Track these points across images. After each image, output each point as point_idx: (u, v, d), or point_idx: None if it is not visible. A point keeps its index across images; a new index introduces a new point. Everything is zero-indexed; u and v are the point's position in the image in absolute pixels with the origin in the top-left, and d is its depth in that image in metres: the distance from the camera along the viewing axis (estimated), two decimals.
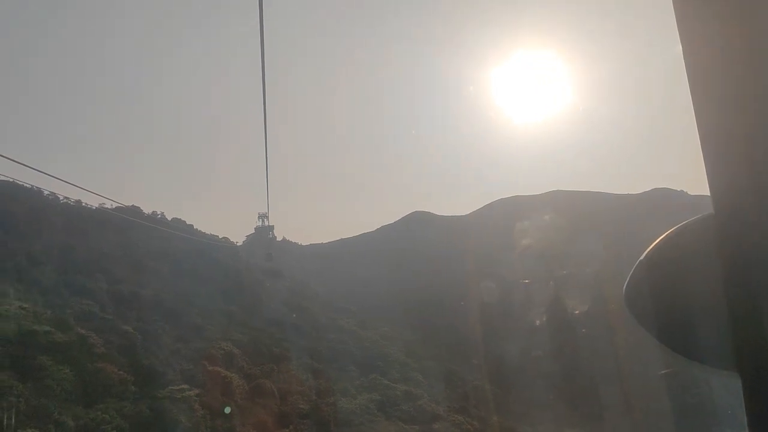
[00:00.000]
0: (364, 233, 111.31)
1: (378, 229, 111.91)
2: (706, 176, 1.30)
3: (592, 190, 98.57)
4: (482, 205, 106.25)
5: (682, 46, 1.33)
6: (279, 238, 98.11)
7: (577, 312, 45.11)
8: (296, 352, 34.94)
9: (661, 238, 1.41)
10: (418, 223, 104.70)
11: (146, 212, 55.84)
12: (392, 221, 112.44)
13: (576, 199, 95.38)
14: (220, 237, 62.41)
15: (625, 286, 1.45)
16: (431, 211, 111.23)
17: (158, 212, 57.23)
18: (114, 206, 48.60)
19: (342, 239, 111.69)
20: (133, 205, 51.97)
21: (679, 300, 1.37)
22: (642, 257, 1.43)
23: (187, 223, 60.61)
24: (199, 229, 62.08)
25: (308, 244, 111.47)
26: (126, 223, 46.40)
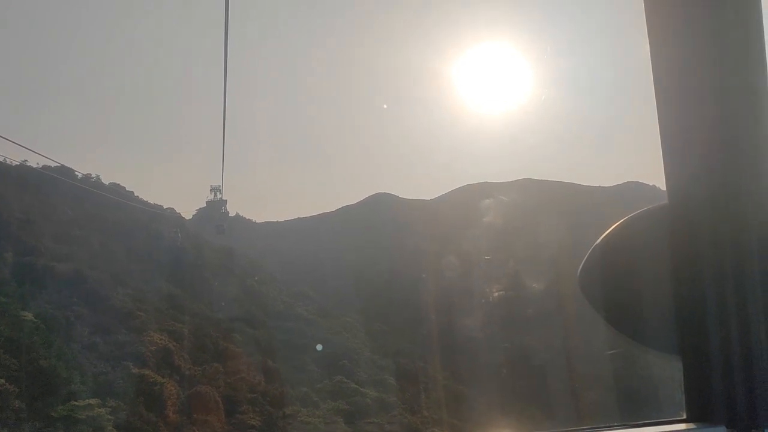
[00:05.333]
0: (324, 213, 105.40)
1: (339, 209, 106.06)
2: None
3: (564, 181, 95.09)
4: (449, 190, 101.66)
5: (650, 45, 1.40)
6: (232, 214, 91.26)
7: (533, 288, 44.92)
8: (247, 346, 29.37)
9: (616, 224, 1.44)
10: (381, 205, 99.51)
11: (80, 174, 48.79)
12: (354, 202, 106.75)
13: (546, 188, 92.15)
14: (165, 207, 55.65)
15: (579, 269, 1.47)
16: (395, 194, 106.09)
17: (93, 175, 50.12)
18: (41, 165, 41.78)
19: (300, 218, 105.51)
20: (63, 165, 44.72)
21: (629, 285, 1.42)
22: (597, 242, 1.45)
23: (127, 189, 53.61)
24: (140, 197, 55.15)
25: (263, 221, 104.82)
26: (52, 185, 39.59)
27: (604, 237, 1.46)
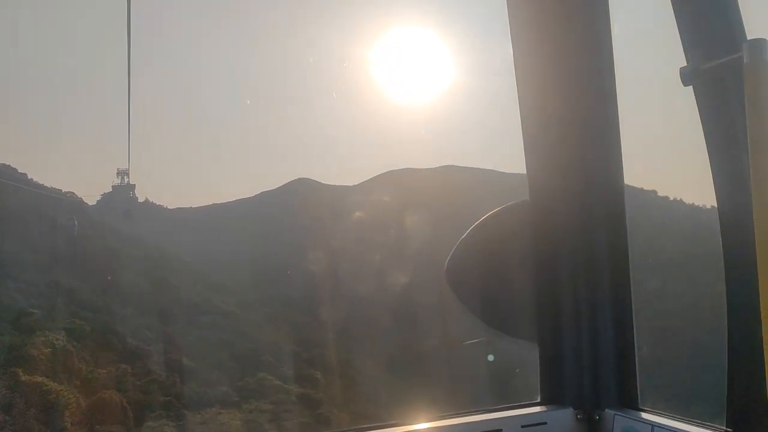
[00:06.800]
0: (242, 198, 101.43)
1: (258, 194, 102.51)
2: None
3: (485, 168, 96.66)
4: (373, 176, 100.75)
5: (513, 47, 1.45)
6: (141, 200, 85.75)
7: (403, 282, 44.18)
8: (159, 343, 26.87)
9: (481, 219, 1.50)
10: (302, 190, 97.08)
11: None
12: (274, 187, 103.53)
13: (469, 174, 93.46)
14: (63, 192, 50.71)
15: (446, 263, 1.53)
16: (317, 179, 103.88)
17: None
18: None
19: (215, 204, 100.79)
20: None
21: (493, 277, 1.48)
22: (463, 236, 1.51)
23: (20, 171, 48.38)
24: (35, 180, 49.96)
25: (176, 207, 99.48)
26: None
27: (470, 232, 1.46)
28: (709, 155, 1.51)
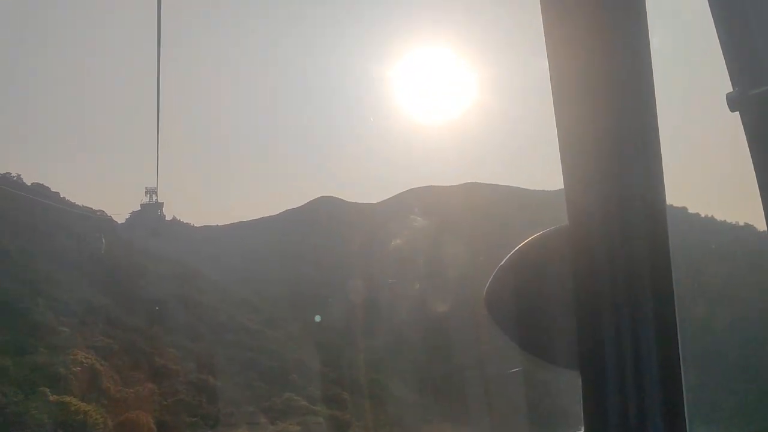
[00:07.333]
0: (267, 216, 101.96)
1: (282, 212, 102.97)
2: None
3: (509, 185, 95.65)
4: (395, 193, 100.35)
5: (548, 61, 1.42)
6: (169, 218, 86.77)
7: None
8: (186, 362, 26.69)
9: (520, 245, 1.48)
10: (326, 208, 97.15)
11: None
12: (298, 205, 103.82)
13: (491, 192, 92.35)
14: (94, 210, 51.36)
15: (485, 289, 1.50)
16: (341, 197, 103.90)
17: (13, 174, 45.65)
18: None
19: (241, 222, 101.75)
20: None
21: (533, 304, 1.46)
22: (502, 262, 1.49)
23: (52, 190, 49.23)
24: (68, 199, 50.78)
25: (202, 225, 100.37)
26: None
27: (509, 258, 1.46)
28: (758, 181, 1.53)
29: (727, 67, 1.54)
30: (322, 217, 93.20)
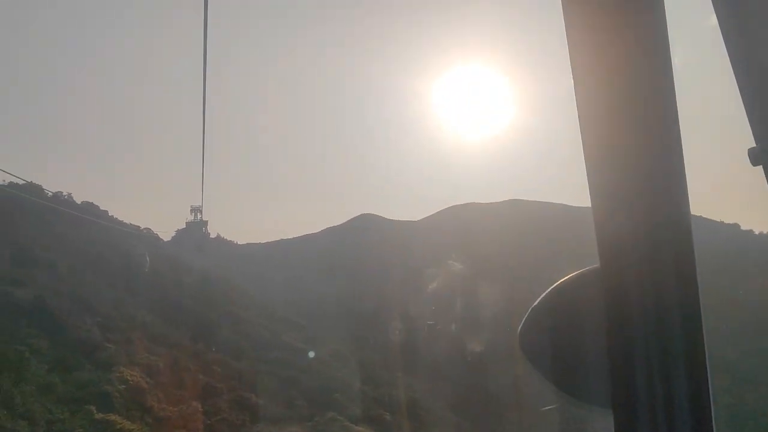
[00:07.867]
0: (309, 234, 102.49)
1: (324, 230, 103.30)
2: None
3: (553, 201, 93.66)
4: (436, 211, 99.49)
5: (574, 85, 1.43)
6: (213, 235, 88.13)
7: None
8: (230, 380, 26.46)
9: (553, 286, 1.51)
10: (367, 226, 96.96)
11: (50, 193, 45.65)
12: (339, 223, 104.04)
13: (534, 209, 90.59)
14: (141, 228, 52.42)
15: (519, 330, 1.53)
16: (381, 215, 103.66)
17: (64, 193, 46.98)
18: (7, 181, 39.08)
19: (283, 240, 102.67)
20: (31, 182, 41.58)
21: (566, 343, 1.49)
22: (535, 303, 1.52)
23: (101, 208, 50.46)
24: (116, 217, 51.97)
25: (245, 243, 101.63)
26: (16, 203, 36.59)
27: (542, 299, 1.50)
28: None
29: (749, 120, 1.56)
30: (363, 235, 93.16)
